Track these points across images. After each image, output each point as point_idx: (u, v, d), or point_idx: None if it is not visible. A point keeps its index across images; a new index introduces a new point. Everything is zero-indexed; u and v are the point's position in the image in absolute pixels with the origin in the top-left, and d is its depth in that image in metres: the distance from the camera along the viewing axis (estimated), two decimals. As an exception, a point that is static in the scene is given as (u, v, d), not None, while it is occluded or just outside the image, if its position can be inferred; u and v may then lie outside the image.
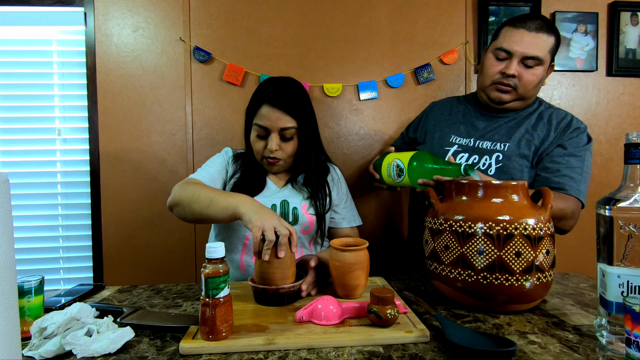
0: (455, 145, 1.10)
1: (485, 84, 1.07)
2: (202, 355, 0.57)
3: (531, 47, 0.99)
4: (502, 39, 1.03)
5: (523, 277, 0.68)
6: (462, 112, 1.17)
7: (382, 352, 0.57)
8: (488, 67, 1.05)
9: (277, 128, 0.96)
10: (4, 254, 0.42)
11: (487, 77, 1.05)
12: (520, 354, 0.56)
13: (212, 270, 0.59)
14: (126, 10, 1.52)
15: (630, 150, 0.57)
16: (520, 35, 0.99)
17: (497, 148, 1.06)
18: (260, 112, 0.97)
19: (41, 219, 1.56)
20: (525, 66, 1.01)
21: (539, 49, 0.99)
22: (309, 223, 1.02)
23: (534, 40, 0.99)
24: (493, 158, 1.05)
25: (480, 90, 1.11)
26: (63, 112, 1.55)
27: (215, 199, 0.85)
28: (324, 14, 1.58)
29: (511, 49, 1.00)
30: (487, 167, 1.05)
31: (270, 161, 1.00)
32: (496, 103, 1.06)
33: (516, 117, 1.09)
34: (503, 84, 1.02)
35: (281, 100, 0.96)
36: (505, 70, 1.01)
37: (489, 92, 1.07)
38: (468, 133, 1.12)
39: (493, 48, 1.05)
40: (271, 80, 1.02)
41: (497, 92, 1.04)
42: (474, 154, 1.08)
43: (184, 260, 1.56)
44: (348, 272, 0.76)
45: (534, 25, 0.99)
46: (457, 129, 1.14)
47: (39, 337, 0.58)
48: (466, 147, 1.09)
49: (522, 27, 1.00)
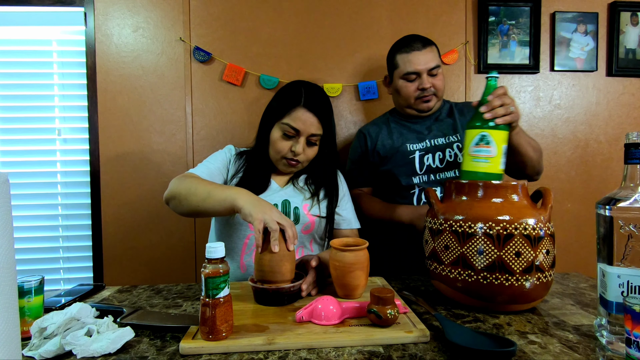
0: (417, 151, 1.22)
1: (409, 102, 1.23)
2: (202, 355, 0.57)
3: (429, 61, 1.18)
4: (404, 66, 1.19)
5: (523, 277, 0.68)
6: (397, 126, 1.29)
7: (382, 352, 0.57)
8: (405, 90, 1.21)
9: (307, 132, 0.98)
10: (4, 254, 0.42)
11: (409, 97, 1.22)
12: (520, 354, 0.56)
13: (212, 270, 0.59)
14: (126, 10, 1.52)
15: (630, 150, 0.57)
16: (416, 56, 1.18)
17: (452, 140, 1.21)
18: (294, 113, 0.97)
19: (41, 219, 1.56)
20: (432, 75, 1.19)
21: (434, 59, 1.19)
22: (310, 223, 1.02)
23: (427, 55, 1.18)
24: (455, 148, 1.20)
25: (405, 108, 1.26)
26: (63, 112, 1.55)
27: (212, 192, 0.85)
28: (324, 14, 1.58)
29: (417, 70, 1.18)
30: (455, 157, 1.20)
31: (292, 163, 1.01)
32: (426, 111, 1.24)
33: (439, 113, 1.28)
34: (425, 96, 1.20)
35: (318, 107, 0.98)
36: (421, 86, 1.19)
37: (415, 106, 1.23)
38: (417, 138, 1.24)
39: (400, 75, 1.21)
40: (306, 85, 1.02)
41: (424, 104, 1.21)
42: (436, 151, 1.21)
43: (184, 260, 1.56)
44: (348, 272, 0.76)
45: (419, 44, 1.19)
46: (406, 138, 1.25)
47: (39, 337, 0.58)
48: (426, 148, 1.22)
49: (412, 49, 1.19)
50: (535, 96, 1.66)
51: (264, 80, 1.54)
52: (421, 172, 1.21)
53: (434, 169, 1.20)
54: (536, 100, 1.66)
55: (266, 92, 1.56)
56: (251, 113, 1.57)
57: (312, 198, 1.04)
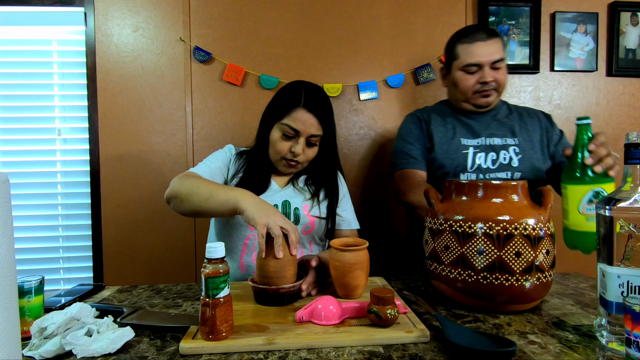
0: (471, 147, 1.16)
1: (467, 96, 1.16)
2: (202, 355, 0.57)
3: (493, 53, 1.11)
4: (465, 57, 1.13)
5: (523, 277, 0.68)
6: (451, 118, 1.23)
7: (382, 352, 0.57)
8: (464, 82, 1.15)
9: (307, 133, 0.98)
10: (4, 254, 0.42)
11: (467, 91, 1.15)
12: (520, 354, 0.56)
13: (212, 270, 0.59)
14: (126, 10, 1.52)
15: (630, 150, 0.57)
16: (479, 47, 1.11)
17: (509, 142, 1.16)
18: (294, 114, 0.96)
19: (41, 219, 1.56)
20: (495, 69, 1.13)
21: (499, 52, 1.12)
22: (310, 224, 1.02)
23: (492, 47, 1.11)
24: (511, 151, 1.15)
25: (461, 102, 1.19)
26: (63, 112, 1.55)
27: (215, 192, 0.84)
28: (324, 14, 1.58)
29: (479, 62, 1.11)
30: (510, 160, 1.14)
31: (291, 163, 1.01)
32: (484, 107, 1.17)
33: (496, 112, 1.22)
34: (485, 90, 1.14)
35: (318, 108, 0.97)
36: (482, 79, 1.12)
37: (473, 100, 1.16)
38: (472, 134, 1.18)
39: (459, 66, 1.15)
40: (306, 85, 1.01)
41: (483, 99, 1.15)
42: (490, 151, 1.15)
43: (184, 260, 1.56)
44: (348, 272, 0.76)
45: (484, 34, 1.12)
46: (460, 132, 1.19)
47: (39, 337, 0.58)
48: (480, 146, 1.16)
49: (475, 40, 1.12)
50: (535, 96, 1.66)
51: (264, 80, 1.54)
52: (471, 170, 1.14)
53: (484, 169, 1.14)
54: (536, 101, 1.66)
55: (266, 92, 1.56)
56: (251, 113, 1.57)
57: (312, 199, 1.04)
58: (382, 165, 1.63)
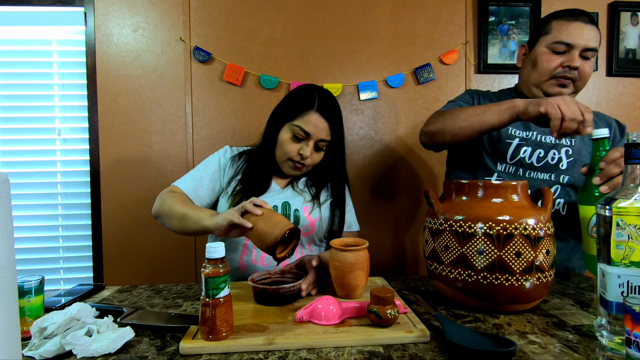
0: (517, 139, 1.07)
1: (542, 79, 1.04)
2: (202, 355, 0.57)
3: (590, 40, 0.99)
4: (558, 33, 1.01)
5: (523, 277, 0.68)
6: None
7: (382, 352, 0.57)
8: (546, 62, 1.02)
9: (317, 137, 0.98)
10: (4, 254, 0.42)
11: (546, 72, 1.03)
12: (520, 354, 0.56)
13: (212, 270, 0.59)
14: (126, 10, 1.52)
15: (631, 150, 0.57)
16: (579, 28, 0.99)
17: (564, 143, 1.06)
18: (307, 117, 0.97)
19: (41, 219, 1.56)
20: (585, 58, 1.00)
21: (595, 41, 1.00)
22: (310, 225, 1.01)
23: (591, 32, 0.99)
24: (562, 152, 1.05)
25: (533, 86, 1.08)
26: (63, 112, 1.55)
27: (186, 216, 0.88)
28: (324, 14, 1.58)
29: (573, 42, 0.99)
30: (558, 161, 1.04)
31: (298, 166, 1.01)
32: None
33: None
34: (565, 77, 1.01)
35: (330, 113, 0.98)
36: (569, 63, 0.99)
37: (546, 87, 1.04)
38: (525, 126, 1.08)
39: (548, 42, 1.02)
40: (320, 90, 1.02)
41: (557, 87, 1.03)
42: (538, 147, 1.06)
43: (184, 260, 1.56)
44: (348, 272, 0.76)
45: (587, 18, 1.00)
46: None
47: (39, 337, 0.58)
48: (528, 140, 1.07)
49: (578, 19, 1.00)
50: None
51: (264, 80, 1.54)
52: (511, 162, 1.06)
53: (527, 165, 1.05)
54: (536, 100, 1.65)
55: (266, 92, 1.56)
56: (251, 113, 1.57)
57: (313, 201, 1.04)
58: (382, 164, 1.63)
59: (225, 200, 1.01)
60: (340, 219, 1.05)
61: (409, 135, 1.63)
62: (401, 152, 1.64)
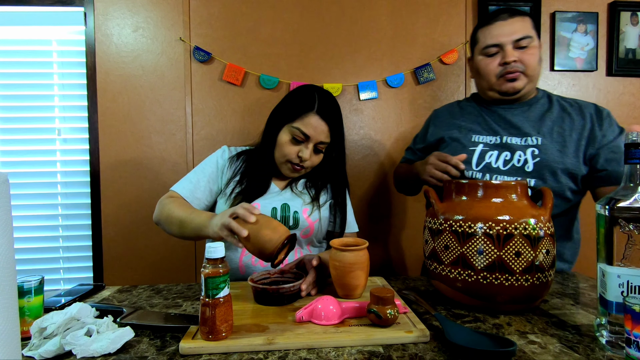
0: (481, 145, 1.07)
1: (490, 82, 1.06)
2: (202, 355, 0.57)
3: (516, 31, 1.01)
4: (484, 39, 1.05)
5: (523, 277, 0.68)
6: (473, 112, 1.14)
7: (382, 352, 0.57)
8: (485, 67, 1.05)
9: (317, 139, 0.97)
10: (4, 254, 0.42)
11: (490, 75, 1.05)
12: (520, 354, 0.56)
13: (212, 270, 0.59)
14: (126, 10, 1.52)
15: (630, 150, 0.57)
16: (499, 26, 1.02)
17: (530, 143, 1.04)
18: (306, 119, 0.96)
19: (41, 219, 1.56)
20: (520, 48, 1.02)
21: (523, 29, 1.01)
22: (309, 228, 1.01)
23: (513, 25, 1.01)
24: (528, 153, 1.03)
25: (486, 91, 1.10)
26: (63, 112, 1.55)
27: (183, 222, 0.90)
28: (324, 14, 1.58)
29: (498, 41, 1.02)
30: (524, 163, 1.03)
31: (296, 168, 1.00)
32: (510, 94, 1.05)
33: (530, 107, 1.08)
34: (509, 72, 1.02)
35: (330, 115, 0.98)
36: (504, 59, 1.01)
37: (498, 87, 1.05)
38: (489, 131, 1.09)
39: (479, 49, 1.07)
40: (320, 91, 1.01)
41: (508, 83, 1.03)
42: (504, 150, 1.05)
43: (184, 260, 1.56)
44: (348, 272, 0.76)
45: (505, 14, 1.03)
46: (474, 128, 1.11)
47: (39, 337, 0.58)
48: (493, 144, 1.06)
49: (494, 21, 1.03)
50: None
51: (264, 80, 1.54)
52: (477, 169, 1.06)
53: (494, 169, 1.04)
54: (536, 100, 1.65)
55: (266, 92, 1.56)
56: (251, 113, 1.57)
57: (312, 203, 1.03)
58: (382, 165, 1.63)
59: (223, 202, 1.01)
60: (341, 221, 1.05)
61: (409, 135, 1.63)
62: (401, 152, 1.64)
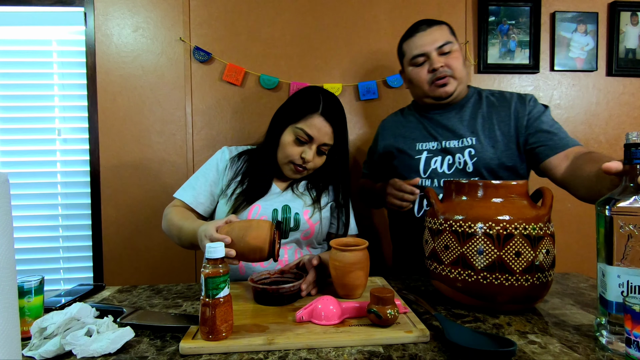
0: (425, 152, 1.13)
1: (423, 89, 1.12)
2: (202, 355, 0.57)
3: (436, 39, 1.07)
4: (410, 51, 1.11)
5: (523, 277, 0.68)
6: (413, 120, 1.21)
7: (382, 352, 0.57)
8: (417, 75, 1.11)
9: (320, 141, 0.97)
10: (4, 254, 0.42)
11: (421, 83, 1.11)
12: (520, 354, 0.56)
13: (212, 270, 0.59)
14: (126, 10, 1.52)
15: (631, 150, 0.57)
16: (420, 37, 1.09)
17: (466, 144, 1.09)
18: (310, 120, 0.96)
19: (41, 219, 1.55)
20: (444, 54, 1.07)
21: (442, 37, 1.07)
22: (310, 230, 1.01)
23: (433, 34, 1.08)
24: (466, 154, 1.08)
25: (422, 98, 1.16)
26: (63, 112, 1.55)
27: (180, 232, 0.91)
28: (323, 14, 1.58)
29: (423, 51, 1.08)
30: (464, 165, 1.08)
31: (299, 169, 1.00)
32: (444, 98, 1.11)
33: (462, 108, 1.14)
34: (439, 78, 1.08)
35: (334, 117, 0.98)
36: (431, 67, 1.07)
37: (432, 93, 1.11)
38: (429, 137, 1.15)
39: (408, 61, 1.13)
40: (325, 93, 1.01)
41: (440, 88, 1.09)
42: (446, 155, 1.11)
43: (184, 260, 1.56)
44: (348, 272, 0.76)
45: (424, 25, 1.10)
46: (417, 136, 1.17)
47: (39, 337, 0.58)
48: (435, 150, 1.12)
49: (416, 33, 1.10)
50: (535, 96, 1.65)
51: (264, 80, 1.54)
52: (425, 176, 1.11)
53: (440, 174, 1.10)
54: (536, 100, 1.65)
55: (266, 92, 1.56)
56: (251, 113, 1.57)
57: (313, 205, 1.03)
58: (382, 165, 1.63)
59: (224, 203, 1.01)
60: (345, 224, 1.05)
61: (409, 135, 1.63)
62: (401, 152, 1.64)
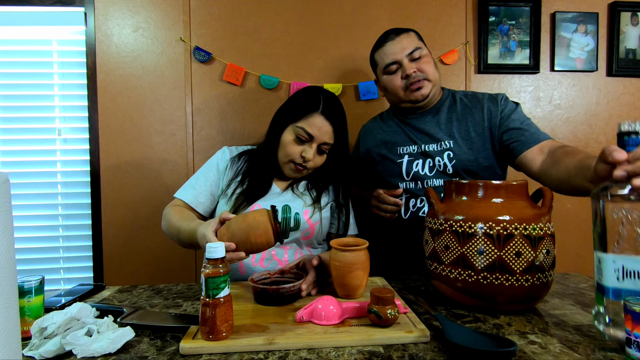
0: (406, 155, 1.15)
1: (399, 95, 1.14)
2: (202, 355, 0.57)
3: (406, 47, 1.10)
4: (382, 60, 1.14)
5: (523, 277, 0.68)
6: (393, 125, 1.23)
7: (382, 352, 0.57)
8: (391, 82, 1.14)
9: (320, 140, 0.98)
10: (4, 254, 0.42)
11: (397, 90, 1.13)
12: (520, 354, 0.56)
13: (212, 270, 0.59)
14: (126, 10, 1.52)
15: (623, 139, 0.59)
16: (390, 45, 1.12)
17: (444, 147, 1.12)
18: (311, 119, 0.96)
19: (41, 219, 1.56)
20: (415, 60, 1.10)
21: (411, 43, 1.11)
22: (310, 230, 1.01)
23: (402, 41, 1.11)
24: (445, 157, 1.11)
25: (399, 104, 1.18)
26: (63, 112, 1.55)
27: (180, 231, 0.91)
28: (323, 14, 1.58)
29: (394, 59, 1.11)
30: (444, 167, 1.10)
31: (299, 168, 1.00)
32: (420, 100, 1.13)
33: (438, 111, 1.16)
34: (412, 83, 1.10)
35: (335, 116, 0.98)
36: (405, 73, 1.10)
37: (407, 97, 1.13)
38: (409, 141, 1.17)
39: (381, 70, 1.15)
40: (325, 92, 1.01)
41: (415, 92, 1.11)
42: (426, 158, 1.13)
43: (184, 260, 1.56)
44: (348, 272, 0.76)
45: (392, 34, 1.13)
46: (397, 140, 1.19)
47: (39, 337, 0.58)
48: (416, 154, 1.15)
49: (385, 42, 1.13)
50: (535, 96, 1.66)
51: (264, 80, 1.54)
52: (408, 178, 1.14)
53: (422, 176, 1.12)
54: (536, 101, 1.66)
55: (266, 92, 1.56)
56: (251, 113, 1.57)
57: (313, 205, 1.02)
58: (382, 165, 1.63)
59: (224, 202, 1.01)
60: (345, 224, 1.05)
61: (409, 135, 1.63)
62: (401, 152, 1.64)
